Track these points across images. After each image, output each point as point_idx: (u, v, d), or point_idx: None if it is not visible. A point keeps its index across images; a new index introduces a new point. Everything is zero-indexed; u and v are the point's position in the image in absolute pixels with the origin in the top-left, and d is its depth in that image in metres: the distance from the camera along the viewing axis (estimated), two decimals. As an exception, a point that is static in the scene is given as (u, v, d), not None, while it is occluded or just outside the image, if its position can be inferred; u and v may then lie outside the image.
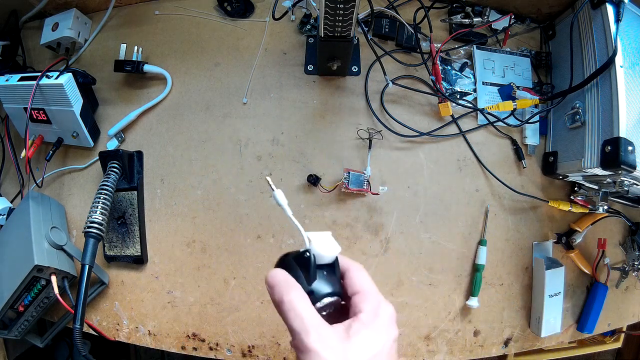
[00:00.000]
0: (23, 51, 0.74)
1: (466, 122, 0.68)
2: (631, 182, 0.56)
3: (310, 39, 0.68)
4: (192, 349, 0.66)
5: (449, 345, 0.67)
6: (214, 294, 0.66)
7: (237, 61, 0.69)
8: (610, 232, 0.72)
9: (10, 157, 0.71)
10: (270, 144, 0.67)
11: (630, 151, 0.52)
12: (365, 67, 0.68)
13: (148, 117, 0.69)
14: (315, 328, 0.28)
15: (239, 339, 0.66)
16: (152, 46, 0.70)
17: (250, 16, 0.70)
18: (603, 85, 0.57)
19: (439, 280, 0.67)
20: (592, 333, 0.71)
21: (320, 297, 0.31)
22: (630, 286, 0.74)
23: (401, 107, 0.68)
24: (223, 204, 0.66)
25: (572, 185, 0.69)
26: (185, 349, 0.66)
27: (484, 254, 0.66)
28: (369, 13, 0.60)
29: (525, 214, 0.69)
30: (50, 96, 0.61)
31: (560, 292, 0.67)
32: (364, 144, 0.66)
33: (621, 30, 0.56)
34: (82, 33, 0.70)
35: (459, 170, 0.68)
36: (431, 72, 0.67)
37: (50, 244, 0.59)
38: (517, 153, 0.68)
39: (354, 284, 0.33)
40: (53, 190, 0.70)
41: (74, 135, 0.65)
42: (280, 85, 0.68)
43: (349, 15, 0.49)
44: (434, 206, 0.67)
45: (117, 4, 0.71)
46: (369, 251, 0.66)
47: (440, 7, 0.70)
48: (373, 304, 0.31)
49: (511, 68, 0.70)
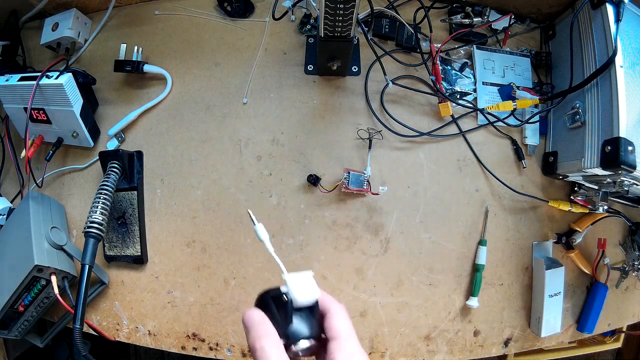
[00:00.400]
0: (23, 51, 0.74)
1: (466, 122, 0.68)
2: (631, 182, 0.56)
3: (310, 39, 0.68)
4: (192, 349, 0.66)
5: (449, 345, 0.67)
6: (214, 294, 0.66)
7: (237, 61, 0.69)
8: (610, 232, 0.72)
9: (10, 157, 0.71)
10: (270, 144, 0.67)
11: (630, 151, 0.52)
12: (365, 67, 0.68)
13: (148, 117, 0.69)
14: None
15: (239, 339, 0.66)
16: (152, 46, 0.70)
17: (250, 16, 0.70)
18: (603, 85, 0.57)
19: (439, 280, 0.67)
20: (592, 333, 0.71)
21: (296, 339, 0.31)
22: (630, 286, 0.74)
23: (401, 107, 0.68)
24: (223, 204, 0.66)
25: (572, 185, 0.69)
26: (185, 349, 0.66)
27: (484, 254, 0.66)
28: (369, 13, 0.60)
29: (525, 214, 0.69)
30: (50, 96, 0.61)
31: (560, 292, 0.67)
32: (364, 144, 0.66)
33: (621, 30, 0.56)
34: (82, 33, 0.70)
35: (459, 170, 0.68)
36: (431, 72, 0.67)
37: (50, 244, 0.59)
38: (517, 153, 0.68)
39: (332, 328, 0.32)
40: (53, 190, 0.70)
41: (74, 135, 0.65)
42: (280, 85, 0.68)
43: (349, 15, 0.49)
44: (434, 206, 0.67)
45: (117, 4, 0.71)
46: (369, 251, 0.66)
47: (440, 7, 0.70)
48: (347, 353, 0.31)
49: (511, 68, 0.70)
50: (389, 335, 0.66)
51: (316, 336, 0.32)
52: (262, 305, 0.33)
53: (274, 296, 0.33)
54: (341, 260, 0.65)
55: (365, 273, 0.66)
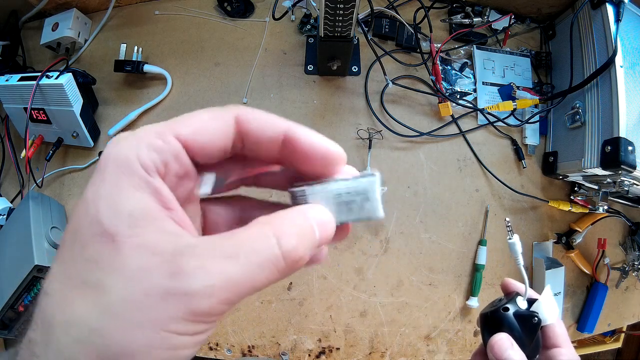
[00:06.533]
0: (23, 51, 0.74)
1: (466, 122, 0.68)
2: (631, 182, 0.56)
3: (310, 39, 0.68)
4: (192, 349, 0.66)
5: (449, 345, 0.67)
6: (214, 294, 0.66)
7: (237, 61, 0.69)
8: (610, 232, 0.72)
9: (10, 157, 0.71)
10: (270, 144, 0.66)
11: (630, 151, 0.52)
12: (365, 67, 0.68)
13: (148, 117, 0.69)
14: None
15: (239, 339, 0.66)
16: (152, 46, 0.70)
17: (250, 16, 0.70)
18: (603, 85, 0.57)
19: (439, 280, 0.67)
20: (592, 333, 0.71)
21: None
22: (630, 286, 0.74)
23: (401, 107, 0.68)
24: (223, 204, 0.66)
25: (572, 185, 0.69)
26: (185, 349, 0.66)
27: (484, 254, 0.66)
28: (369, 13, 0.60)
29: (525, 214, 0.69)
30: (50, 96, 0.61)
31: (560, 292, 0.67)
32: (364, 144, 0.66)
33: (621, 30, 0.56)
34: (82, 33, 0.70)
35: (459, 170, 0.68)
36: (431, 72, 0.67)
37: (50, 244, 0.59)
38: (517, 153, 0.68)
39: (554, 336, 0.30)
40: (53, 190, 0.70)
41: (74, 135, 0.65)
42: (280, 85, 0.68)
43: (349, 15, 0.49)
44: (434, 206, 0.67)
45: (117, 4, 0.71)
46: (369, 251, 0.66)
47: (440, 7, 0.70)
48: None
49: (511, 68, 0.70)
50: (389, 335, 0.66)
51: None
52: (501, 322, 0.30)
53: (519, 315, 0.30)
54: (341, 260, 0.65)
55: (365, 273, 0.66)
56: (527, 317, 0.29)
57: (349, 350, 0.65)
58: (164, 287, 0.14)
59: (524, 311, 0.30)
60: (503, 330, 0.29)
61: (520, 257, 0.32)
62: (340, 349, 0.65)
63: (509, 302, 0.30)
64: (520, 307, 0.30)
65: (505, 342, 0.28)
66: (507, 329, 0.29)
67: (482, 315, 0.32)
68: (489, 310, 0.31)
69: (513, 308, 0.30)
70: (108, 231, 0.14)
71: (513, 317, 0.29)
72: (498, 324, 0.30)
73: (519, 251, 0.32)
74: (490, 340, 0.29)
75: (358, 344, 0.65)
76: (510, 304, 0.30)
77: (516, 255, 0.32)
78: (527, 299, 0.31)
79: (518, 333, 0.29)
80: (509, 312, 0.29)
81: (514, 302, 0.30)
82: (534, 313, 0.29)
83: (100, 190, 0.15)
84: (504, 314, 0.29)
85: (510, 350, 0.28)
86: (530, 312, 0.29)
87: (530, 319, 0.29)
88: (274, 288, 0.64)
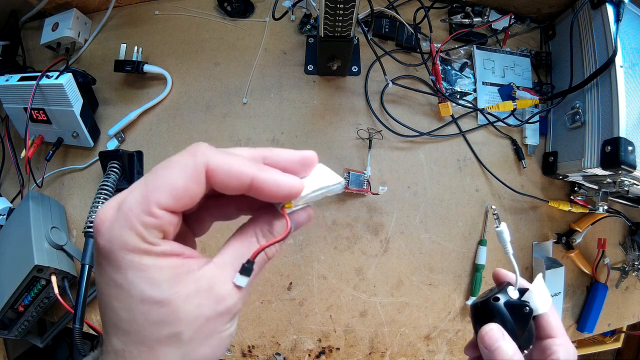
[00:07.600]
0: (23, 51, 0.74)
1: (466, 122, 0.68)
2: (631, 182, 0.56)
3: (310, 39, 0.68)
4: (192, 349, 0.66)
5: (449, 345, 0.67)
6: (214, 294, 0.66)
7: (237, 61, 0.69)
8: (610, 232, 0.72)
9: (10, 157, 0.71)
10: (270, 144, 0.67)
11: (630, 151, 0.52)
12: (365, 67, 0.68)
13: (148, 117, 0.69)
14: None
15: (239, 339, 0.65)
16: (152, 46, 0.70)
17: (250, 16, 0.70)
18: (603, 85, 0.57)
19: (439, 280, 0.67)
20: (592, 333, 0.71)
21: (527, 348, 0.29)
22: (630, 286, 0.74)
23: (401, 107, 0.68)
24: (223, 204, 0.66)
25: (572, 185, 0.69)
26: (185, 349, 0.66)
27: (484, 254, 0.66)
28: (369, 13, 0.60)
29: (525, 214, 0.69)
30: (50, 96, 0.61)
31: (560, 292, 0.67)
32: (364, 144, 0.66)
33: (621, 30, 0.56)
34: (82, 33, 0.70)
35: (459, 170, 0.68)
36: (431, 72, 0.67)
37: (50, 244, 0.59)
38: (517, 153, 0.68)
39: (550, 327, 0.30)
40: (53, 190, 0.70)
41: (74, 135, 0.65)
42: (280, 85, 0.68)
43: (349, 15, 0.49)
44: (434, 206, 0.67)
45: (117, 4, 0.71)
46: (369, 251, 0.66)
47: (440, 7, 0.70)
48: (570, 353, 0.29)
49: (511, 68, 0.70)
50: (389, 335, 0.66)
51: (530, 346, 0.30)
52: (492, 313, 0.29)
53: (510, 305, 0.29)
54: (341, 260, 0.65)
55: (365, 273, 0.66)
56: (518, 306, 0.29)
57: (349, 350, 0.65)
58: (216, 311, 0.21)
59: (515, 301, 0.29)
60: (494, 321, 0.29)
61: (509, 245, 0.32)
62: (340, 349, 0.65)
63: (500, 292, 0.30)
64: (512, 297, 0.30)
65: (497, 333, 0.28)
66: (498, 319, 0.29)
67: (472, 305, 0.32)
68: (480, 300, 0.31)
69: (504, 298, 0.29)
70: (157, 299, 0.19)
71: (504, 306, 0.29)
72: (489, 314, 0.29)
73: (508, 239, 0.32)
74: (480, 331, 0.29)
75: (358, 344, 0.65)
76: (501, 293, 0.30)
77: (504, 244, 0.32)
78: (519, 288, 0.31)
79: (510, 323, 0.28)
80: (499, 302, 0.29)
81: (505, 292, 0.30)
82: (525, 302, 0.29)
83: (129, 274, 0.19)
84: (494, 304, 0.29)
85: (502, 340, 0.28)
86: (521, 301, 0.29)
87: (521, 308, 0.29)
88: (274, 288, 0.64)
